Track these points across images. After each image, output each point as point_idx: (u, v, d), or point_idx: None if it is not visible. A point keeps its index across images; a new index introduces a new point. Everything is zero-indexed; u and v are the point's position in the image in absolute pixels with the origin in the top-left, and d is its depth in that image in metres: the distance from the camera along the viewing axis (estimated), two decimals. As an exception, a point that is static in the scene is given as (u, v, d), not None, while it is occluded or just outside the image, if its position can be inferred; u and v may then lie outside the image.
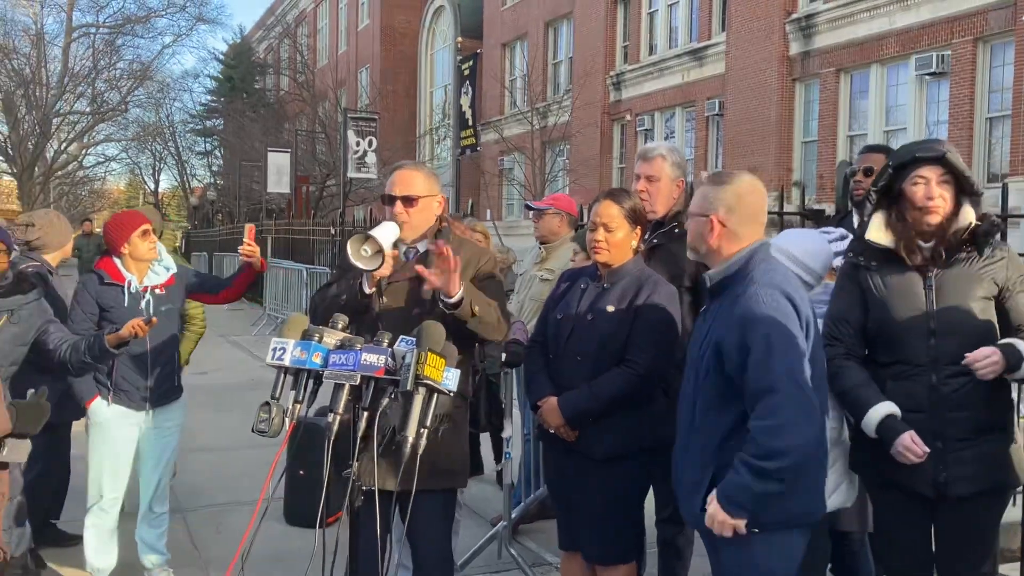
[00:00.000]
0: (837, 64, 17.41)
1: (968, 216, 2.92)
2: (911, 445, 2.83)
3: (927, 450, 2.82)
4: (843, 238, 3.42)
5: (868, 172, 4.11)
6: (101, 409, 4.07)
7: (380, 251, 3.00)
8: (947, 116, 15.35)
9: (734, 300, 2.68)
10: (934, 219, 2.90)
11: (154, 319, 3.72)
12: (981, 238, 2.91)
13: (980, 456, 2.88)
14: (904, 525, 3.06)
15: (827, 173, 16.90)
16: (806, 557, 2.82)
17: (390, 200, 3.27)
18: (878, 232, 3.01)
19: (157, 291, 4.10)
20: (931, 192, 2.89)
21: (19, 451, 2.97)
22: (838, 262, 3.35)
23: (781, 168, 18.18)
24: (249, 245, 4.24)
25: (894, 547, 3.14)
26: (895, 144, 16.22)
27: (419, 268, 3.08)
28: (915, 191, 2.92)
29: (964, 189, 2.91)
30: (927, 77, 15.71)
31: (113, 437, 4.09)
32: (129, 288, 4.04)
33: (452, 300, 3.03)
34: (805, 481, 2.66)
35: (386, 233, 3.06)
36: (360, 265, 3.01)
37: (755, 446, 2.55)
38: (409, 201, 3.24)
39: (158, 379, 4.11)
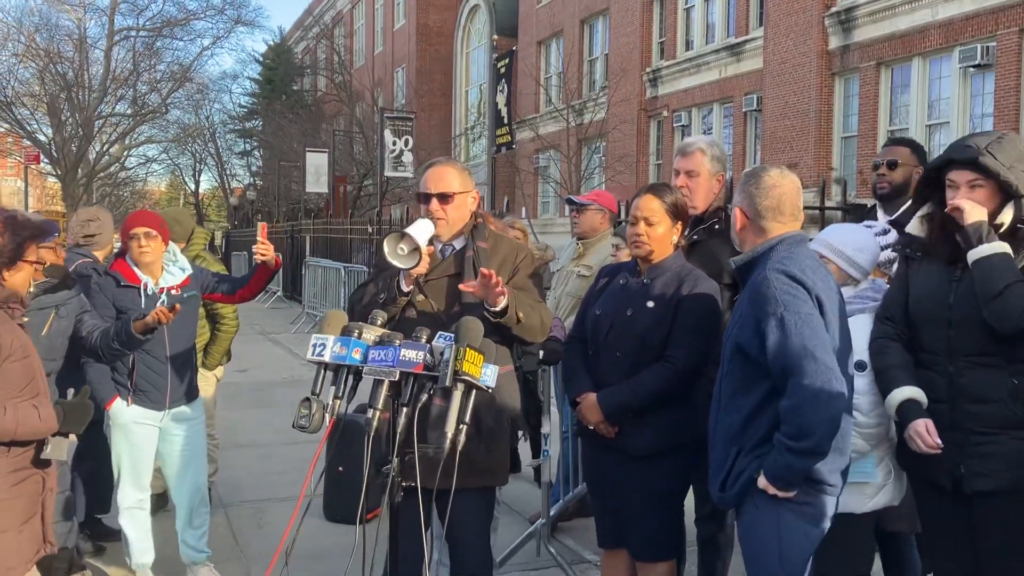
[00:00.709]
0: (877, 57, 17.14)
1: (1006, 216, 2.86)
2: (923, 432, 2.85)
3: (939, 443, 2.82)
4: (886, 232, 3.38)
5: (892, 165, 4.04)
6: (122, 411, 4.09)
7: (416, 249, 3.00)
8: (992, 109, 15.06)
9: (750, 286, 2.77)
10: (960, 219, 2.87)
11: (177, 306, 3.76)
12: (1019, 240, 2.85)
13: (1004, 453, 2.82)
14: (940, 521, 3.02)
15: (866, 168, 16.65)
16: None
17: (425, 198, 3.26)
18: (916, 225, 3.08)
19: (173, 292, 4.12)
20: (959, 200, 2.88)
21: (60, 449, 3.01)
22: (884, 256, 3.31)
23: (820, 163, 17.95)
24: (263, 244, 4.24)
25: (934, 544, 3.12)
26: (938, 139, 16.04)
27: (464, 286, 3.08)
28: (948, 195, 2.93)
29: (1000, 187, 2.85)
30: (971, 69, 15.42)
31: (135, 438, 4.12)
32: (146, 290, 4.07)
33: (497, 309, 3.04)
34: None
35: (421, 231, 3.06)
36: (396, 263, 3.02)
37: (785, 425, 2.63)
38: (445, 198, 3.23)
39: (176, 379, 4.13)
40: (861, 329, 3.06)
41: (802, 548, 2.74)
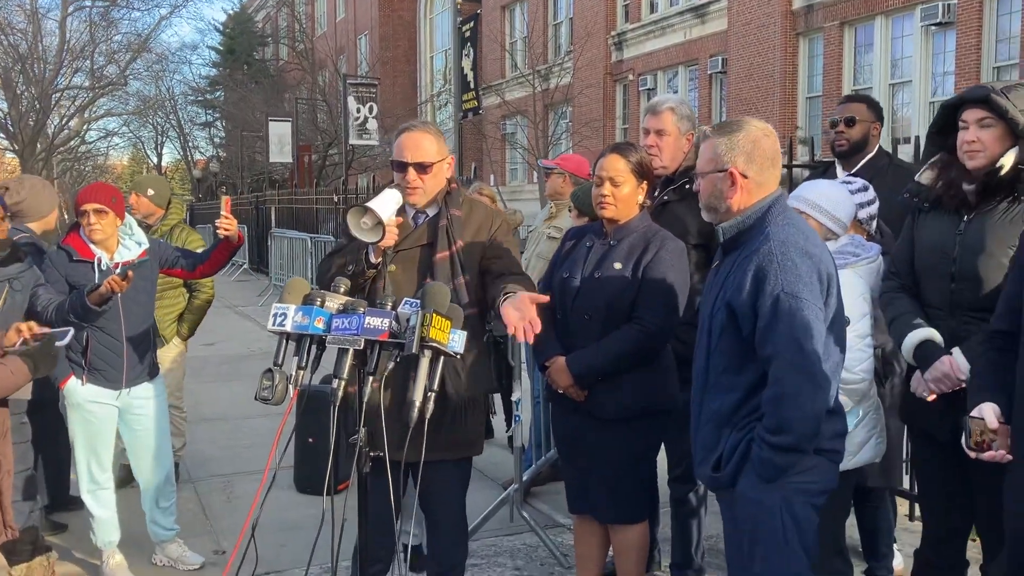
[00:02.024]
0: (841, 17, 17.15)
1: (1008, 159, 2.79)
2: (948, 370, 2.78)
3: (964, 375, 2.74)
4: (864, 188, 3.36)
5: (850, 122, 4.03)
6: (76, 389, 3.97)
7: (380, 223, 2.91)
8: (953, 67, 15.15)
9: (748, 257, 2.54)
10: (974, 162, 2.82)
11: (130, 273, 3.64)
12: (1019, 184, 2.80)
13: None
14: (937, 475, 3.00)
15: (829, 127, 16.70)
16: (826, 509, 2.78)
17: (401, 166, 3.11)
18: (926, 174, 3.00)
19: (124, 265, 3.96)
20: (967, 136, 2.82)
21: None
22: (863, 213, 3.29)
23: (786, 124, 17.98)
24: (227, 218, 4.10)
25: (931, 497, 3.10)
26: (901, 98, 16.11)
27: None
28: (959, 135, 2.86)
29: (1012, 130, 2.79)
30: (933, 27, 15.48)
31: (90, 418, 4.01)
32: (99, 265, 3.93)
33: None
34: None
35: (386, 203, 2.96)
36: (360, 237, 2.94)
37: (766, 417, 2.49)
38: (423, 168, 3.09)
39: (133, 356, 4.01)
40: (843, 285, 3.03)
41: (811, 523, 2.59)
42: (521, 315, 2.66)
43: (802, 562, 2.59)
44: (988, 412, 2.39)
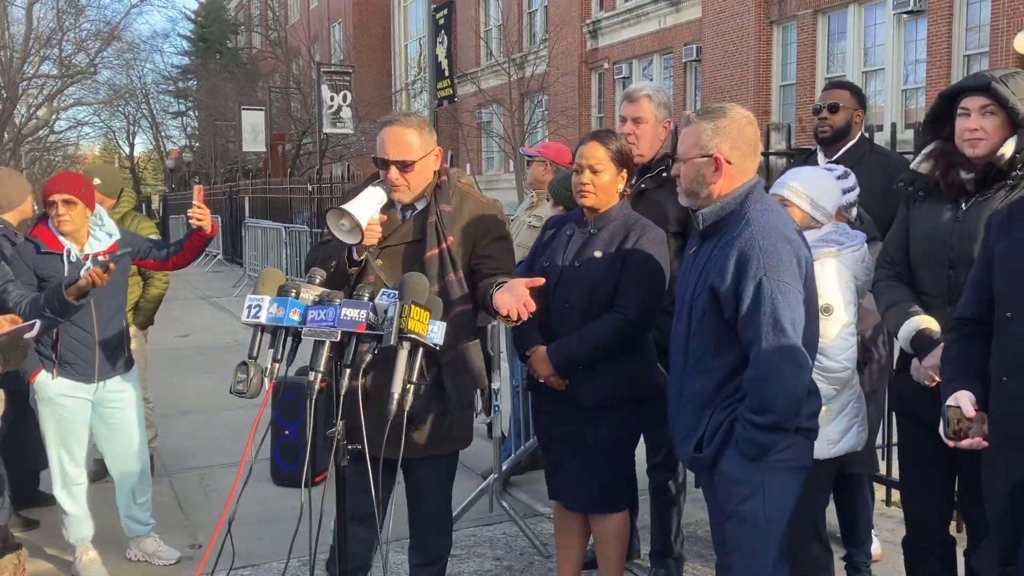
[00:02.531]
0: (814, 5, 17.22)
1: (1008, 148, 2.80)
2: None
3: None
4: (846, 175, 3.35)
5: (834, 109, 4.02)
6: (46, 384, 3.89)
7: (358, 226, 2.83)
8: (925, 55, 15.25)
9: (729, 243, 2.59)
10: (975, 150, 2.81)
11: (112, 265, 3.57)
12: (1018, 170, 2.80)
13: None
14: (925, 460, 2.99)
15: (806, 116, 16.78)
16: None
17: (383, 164, 3.01)
18: (922, 162, 2.98)
19: (100, 259, 3.85)
20: (969, 124, 2.80)
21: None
22: (844, 200, 3.28)
23: (760, 112, 18.05)
24: (199, 208, 4.01)
25: (917, 483, 3.08)
26: (874, 85, 16.21)
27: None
28: (958, 123, 2.84)
29: (1011, 119, 2.79)
30: (904, 15, 15.58)
31: (62, 412, 3.92)
32: (69, 257, 3.84)
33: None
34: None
35: (365, 205, 2.86)
36: (340, 238, 2.87)
37: (749, 398, 2.54)
38: (405, 166, 2.97)
39: (106, 349, 3.93)
40: (827, 273, 3.04)
41: (786, 501, 2.65)
42: (515, 297, 2.66)
43: (781, 538, 2.66)
44: (964, 400, 2.41)
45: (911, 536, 3.11)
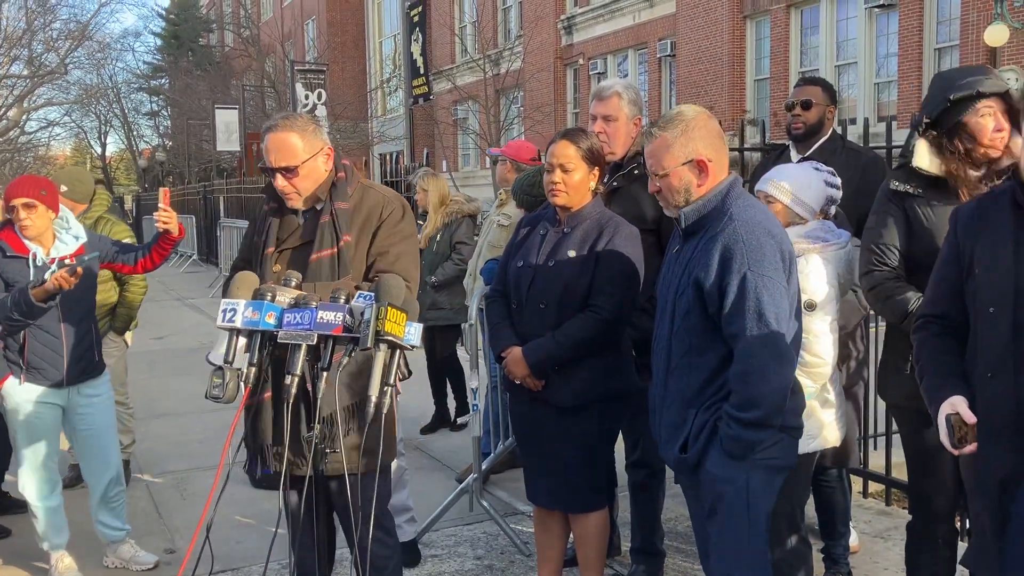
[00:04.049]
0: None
1: (1017, 144, 2.78)
2: None
3: None
4: (833, 174, 3.36)
5: (806, 105, 4.04)
6: (14, 390, 3.84)
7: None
8: (896, 48, 15.37)
9: (712, 239, 2.59)
10: (996, 152, 2.83)
11: (80, 269, 3.54)
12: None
13: None
14: (924, 449, 2.99)
15: (780, 110, 16.87)
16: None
17: (269, 171, 2.88)
18: (926, 160, 2.93)
19: (68, 262, 3.79)
20: (1000, 124, 2.81)
21: None
22: (828, 196, 3.28)
23: (735, 107, 18.15)
24: (165, 211, 3.94)
25: (919, 472, 3.09)
26: (847, 79, 16.31)
27: None
28: (982, 124, 2.82)
29: (1014, 122, 2.83)
30: (876, 9, 15.70)
31: (31, 419, 3.87)
32: (35, 260, 3.79)
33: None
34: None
35: (227, 349, 2.52)
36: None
37: (734, 394, 2.54)
38: (289, 171, 2.84)
39: (75, 354, 3.87)
40: (811, 269, 3.06)
41: (769, 498, 2.66)
42: None
43: (763, 537, 2.66)
44: (963, 407, 2.36)
45: (918, 522, 3.13)
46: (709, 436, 2.61)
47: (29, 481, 3.96)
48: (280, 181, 2.87)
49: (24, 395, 3.85)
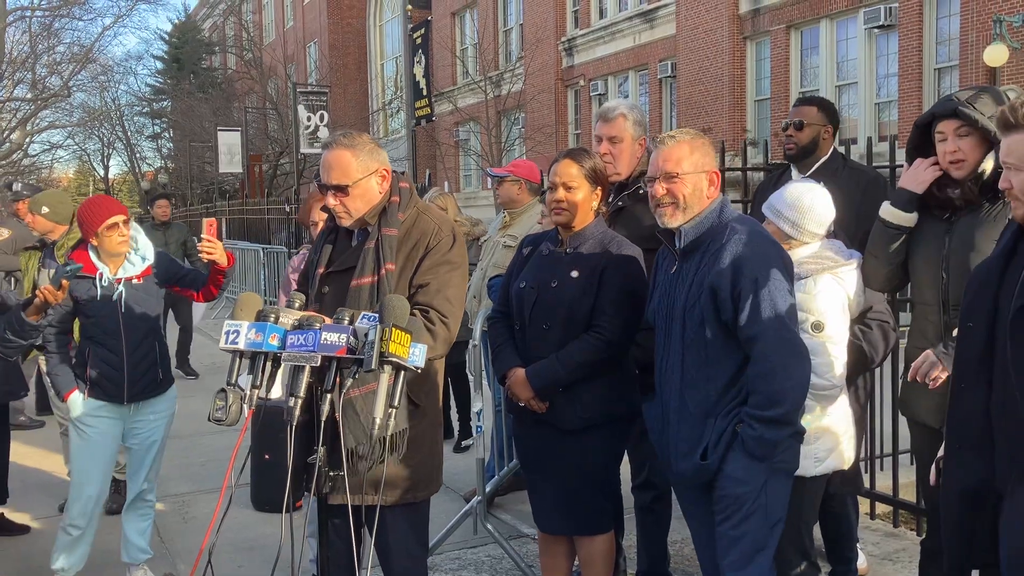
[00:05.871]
0: (787, 20, 17.37)
1: (988, 164, 2.94)
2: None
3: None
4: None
5: (799, 126, 4.03)
6: (78, 403, 3.91)
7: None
8: (896, 68, 15.42)
9: (720, 250, 2.72)
10: (960, 172, 2.97)
11: (65, 282, 3.57)
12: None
13: None
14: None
15: (780, 131, 16.89)
16: (796, 517, 2.80)
17: (324, 188, 2.89)
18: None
19: (134, 282, 3.91)
20: (948, 147, 2.97)
21: None
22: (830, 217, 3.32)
23: (735, 127, 18.17)
24: (209, 242, 3.89)
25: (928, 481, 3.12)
26: (847, 99, 16.35)
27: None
28: (939, 147, 3.01)
29: (986, 137, 2.92)
30: (876, 30, 15.74)
31: (91, 432, 3.93)
32: (101, 280, 3.86)
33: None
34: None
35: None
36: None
37: (755, 395, 2.64)
38: (340, 190, 2.84)
39: (135, 373, 3.92)
40: (821, 289, 3.05)
41: (782, 505, 2.77)
42: None
43: (775, 539, 2.77)
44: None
45: (932, 540, 3.14)
46: (729, 441, 2.70)
47: (75, 495, 3.96)
48: (331, 199, 2.88)
49: (87, 409, 3.92)
